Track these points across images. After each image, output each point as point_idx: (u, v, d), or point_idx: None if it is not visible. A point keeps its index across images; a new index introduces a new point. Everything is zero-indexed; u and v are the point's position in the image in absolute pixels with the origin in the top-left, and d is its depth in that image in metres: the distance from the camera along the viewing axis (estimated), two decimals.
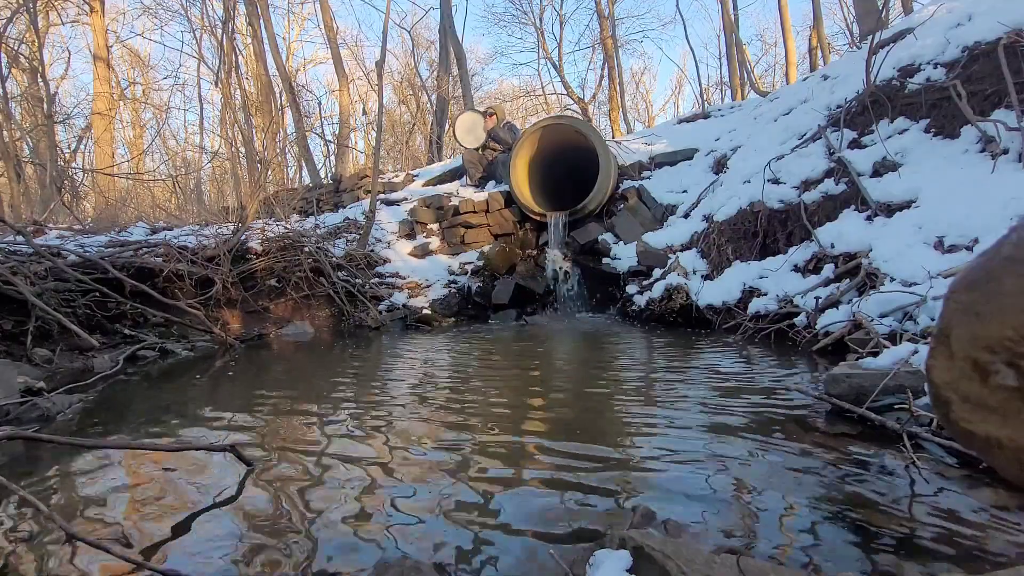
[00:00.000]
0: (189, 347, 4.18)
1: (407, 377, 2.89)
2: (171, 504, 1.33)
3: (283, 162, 13.07)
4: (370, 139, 17.11)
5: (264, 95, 11.86)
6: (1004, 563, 0.95)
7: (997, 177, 3.24)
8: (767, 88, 11.27)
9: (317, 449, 1.70)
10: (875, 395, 1.72)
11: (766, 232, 4.39)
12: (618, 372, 2.80)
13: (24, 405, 2.27)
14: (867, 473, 1.35)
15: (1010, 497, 1.18)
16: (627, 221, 5.70)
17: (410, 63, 17.06)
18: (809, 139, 4.77)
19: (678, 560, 0.79)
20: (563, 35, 26.95)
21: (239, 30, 13.84)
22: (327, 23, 11.32)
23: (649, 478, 1.38)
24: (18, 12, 9.84)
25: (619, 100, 14.34)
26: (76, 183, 11.44)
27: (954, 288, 0.80)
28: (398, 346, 4.11)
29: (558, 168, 6.63)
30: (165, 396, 2.65)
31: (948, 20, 4.52)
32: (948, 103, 3.89)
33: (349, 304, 5.39)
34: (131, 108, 16.55)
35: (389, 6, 7.95)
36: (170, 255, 4.78)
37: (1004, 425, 0.75)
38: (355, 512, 1.24)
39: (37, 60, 11.05)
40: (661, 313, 4.45)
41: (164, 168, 15.17)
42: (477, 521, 1.18)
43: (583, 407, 2.16)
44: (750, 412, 1.89)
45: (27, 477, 1.55)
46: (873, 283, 3.15)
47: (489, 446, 1.66)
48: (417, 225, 6.72)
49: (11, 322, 3.56)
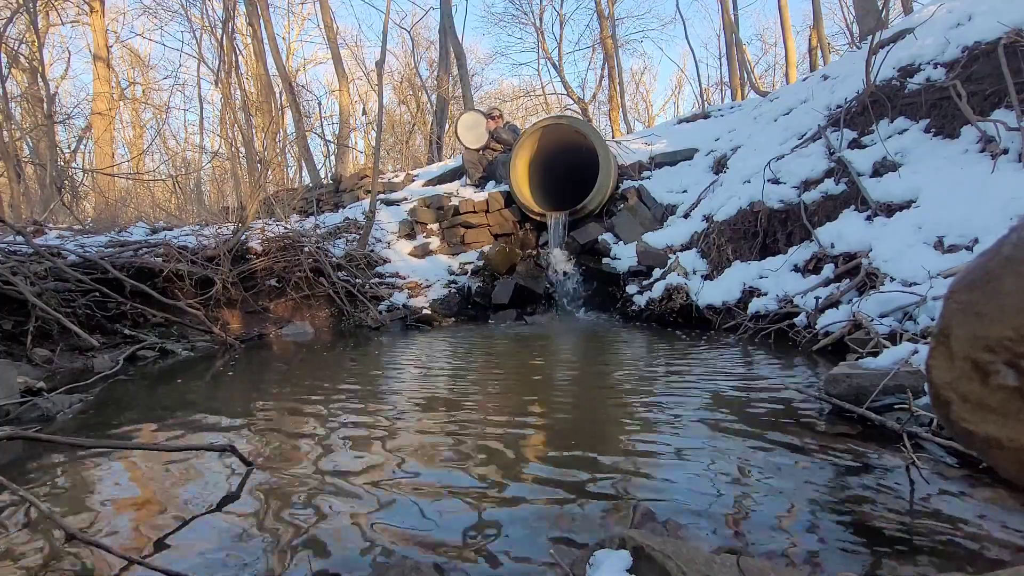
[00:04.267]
0: (189, 347, 4.18)
1: (407, 377, 2.89)
2: (171, 504, 1.33)
3: (283, 162, 13.06)
4: (370, 139, 17.11)
5: (264, 95, 11.86)
6: (1004, 563, 0.95)
7: (997, 177, 3.24)
8: (767, 88, 11.26)
9: (317, 449, 1.70)
10: (875, 395, 1.72)
11: (766, 232, 4.39)
12: (618, 372, 2.80)
13: (24, 405, 2.28)
14: (867, 473, 1.35)
15: (1010, 497, 1.18)
16: (627, 221, 5.70)
17: (410, 63, 17.07)
18: (809, 139, 4.76)
19: (678, 560, 0.79)
20: (563, 35, 26.94)
21: (239, 30, 13.85)
22: (327, 23, 11.33)
23: (649, 478, 1.38)
24: (18, 12, 9.83)
25: (619, 100, 14.34)
26: (76, 183, 11.43)
27: (954, 288, 0.80)
28: (398, 346, 4.11)
29: (558, 168, 6.63)
30: (165, 396, 2.65)
31: (948, 20, 4.51)
32: (948, 103, 3.89)
33: (349, 304, 5.39)
34: (131, 108, 16.55)
35: (389, 6, 7.96)
36: (170, 255, 4.79)
37: (1004, 425, 0.75)
38: (355, 512, 1.24)
39: (37, 60, 11.05)
40: (661, 313, 4.45)
41: (164, 168, 15.16)
42: (477, 521, 1.18)
43: (583, 407, 2.15)
44: (750, 412, 1.89)
45: (27, 477, 1.55)
46: (873, 283, 3.15)
47: (489, 446, 1.66)
48: (417, 225, 6.71)
49: (11, 322, 3.56)
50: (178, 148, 17.86)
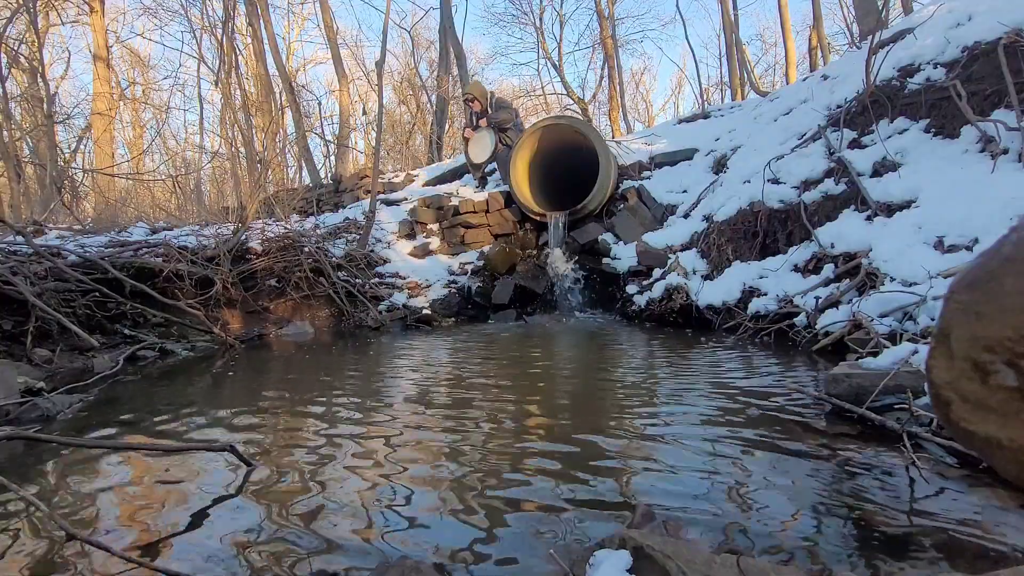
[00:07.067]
0: (189, 347, 4.18)
1: (407, 377, 2.89)
2: (171, 504, 1.33)
3: (283, 162, 13.06)
4: (370, 139, 17.12)
5: (264, 95, 11.86)
6: (1004, 563, 0.95)
7: (997, 177, 3.24)
8: (767, 88, 11.27)
9: (317, 449, 1.70)
10: (875, 395, 1.72)
11: (766, 232, 4.39)
12: (618, 372, 2.80)
13: (24, 405, 2.27)
14: (867, 473, 1.35)
15: (1010, 497, 1.18)
16: (627, 221, 5.69)
17: (410, 63, 17.09)
18: (809, 139, 4.76)
19: (678, 560, 0.79)
20: (563, 35, 26.98)
21: (239, 30, 13.86)
22: (327, 23, 11.34)
23: (649, 478, 1.38)
24: (18, 12, 9.83)
25: (619, 100, 14.35)
26: (76, 183, 11.43)
27: (954, 288, 0.80)
28: (398, 346, 4.11)
29: (558, 168, 6.63)
30: (165, 396, 2.65)
31: (948, 20, 4.51)
32: (948, 103, 3.89)
33: (349, 304, 5.38)
34: (131, 108, 16.55)
35: (389, 6, 7.96)
36: (170, 255, 4.78)
37: (1004, 425, 0.75)
38: (355, 512, 1.24)
39: (37, 60, 11.04)
40: (661, 313, 4.45)
41: (164, 168, 15.15)
42: (477, 521, 1.18)
43: (583, 407, 2.16)
44: (750, 412, 1.89)
45: (27, 477, 1.55)
46: (873, 283, 3.15)
47: (489, 445, 1.67)
48: (417, 225, 6.71)
49: (11, 322, 3.56)
50: (178, 148, 17.86)
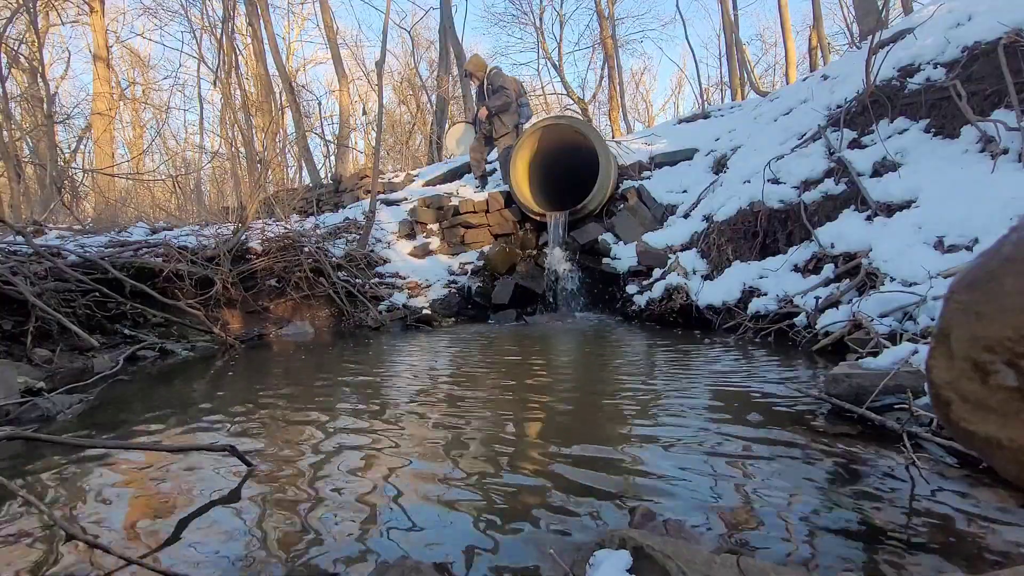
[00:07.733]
0: (189, 347, 4.18)
1: (407, 377, 2.89)
2: (171, 504, 1.33)
3: (283, 162, 13.06)
4: (370, 139, 17.12)
5: (264, 95, 11.86)
6: (1004, 563, 0.95)
7: (997, 177, 3.24)
8: (767, 88, 11.27)
9: (317, 449, 1.70)
10: (875, 395, 1.72)
11: (766, 232, 4.39)
12: (618, 372, 2.80)
13: (24, 405, 2.27)
14: (867, 473, 1.35)
15: (1010, 497, 1.18)
16: (627, 221, 5.70)
17: (410, 63, 17.09)
18: (809, 139, 4.77)
19: (678, 560, 0.79)
20: (563, 35, 26.96)
21: (239, 30, 13.87)
22: (327, 23, 11.34)
23: (649, 478, 1.38)
24: (18, 12, 9.83)
25: (619, 100, 14.35)
26: (76, 183, 11.43)
27: (954, 288, 0.80)
28: (398, 346, 4.11)
29: (558, 168, 6.63)
30: (165, 396, 2.65)
31: (948, 20, 4.52)
32: (948, 103, 3.89)
33: (349, 304, 5.39)
34: (131, 108, 16.56)
35: (389, 6, 7.96)
36: (170, 255, 4.78)
37: (1004, 425, 0.75)
38: (355, 512, 1.24)
39: (37, 60, 11.04)
40: (661, 313, 4.45)
41: (164, 168, 15.16)
42: (477, 521, 1.18)
43: (583, 407, 2.15)
44: (750, 412, 1.89)
45: (27, 477, 1.55)
46: (873, 283, 3.15)
47: (489, 445, 1.66)
48: (417, 225, 6.72)
49: (11, 322, 3.56)
50: (178, 148, 17.87)
